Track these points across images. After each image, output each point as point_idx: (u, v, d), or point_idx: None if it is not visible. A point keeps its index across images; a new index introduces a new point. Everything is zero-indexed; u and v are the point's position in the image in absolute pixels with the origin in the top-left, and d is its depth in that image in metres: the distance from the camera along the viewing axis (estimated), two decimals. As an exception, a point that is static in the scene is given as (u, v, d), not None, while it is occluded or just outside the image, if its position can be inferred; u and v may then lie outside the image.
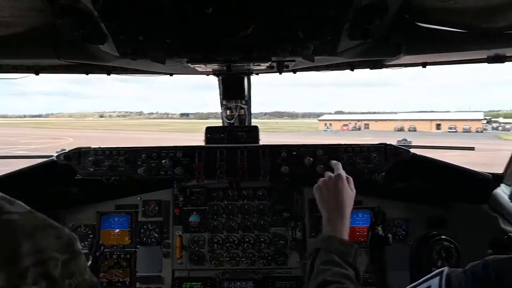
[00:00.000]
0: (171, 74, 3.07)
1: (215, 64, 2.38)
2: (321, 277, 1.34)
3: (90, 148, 2.76)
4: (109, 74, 2.78)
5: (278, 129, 51.65)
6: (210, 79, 3.20)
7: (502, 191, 2.58)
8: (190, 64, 2.25)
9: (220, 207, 2.98)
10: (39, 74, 2.55)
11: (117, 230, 3.02)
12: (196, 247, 2.95)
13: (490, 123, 67.39)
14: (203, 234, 2.96)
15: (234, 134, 2.90)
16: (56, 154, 2.73)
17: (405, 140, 3.06)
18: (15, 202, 0.84)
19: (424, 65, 2.50)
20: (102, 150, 2.71)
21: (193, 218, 2.96)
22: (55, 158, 2.72)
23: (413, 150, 2.77)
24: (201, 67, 2.52)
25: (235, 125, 3.23)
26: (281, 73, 2.63)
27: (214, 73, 3.02)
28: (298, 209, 2.96)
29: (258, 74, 3.12)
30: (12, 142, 31.28)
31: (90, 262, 2.28)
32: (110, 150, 2.70)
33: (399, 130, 63.20)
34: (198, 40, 1.88)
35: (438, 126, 65.01)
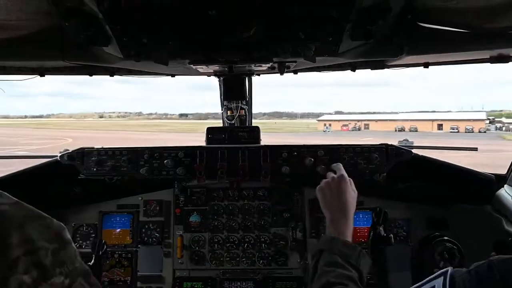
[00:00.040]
0: (173, 75, 3.08)
1: (217, 65, 2.39)
2: (324, 278, 1.35)
3: (93, 148, 2.76)
4: (112, 75, 2.80)
5: (277, 129, 51.33)
6: (209, 80, 3.21)
7: (506, 192, 2.55)
8: (192, 65, 2.26)
9: (220, 207, 2.98)
10: (44, 76, 2.56)
11: (118, 229, 3.03)
12: (196, 247, 2.95)
13: (493, 123, 66.04)
14: (204, 234, 2.97)
15: (235, 134, 2.90)
16: (59, 154, 2.74)
17: (406, 140, 3.05)
18: (3, 194, 0.85)
19: (426, 65, 2.49)
20: (105, 150, 2.72)
21: (193, 218, 2.96)
22: (59, 158, 2.72)
23: (414, 151, 2.74)
24: (203, 68, 2.53)
25: (236, 125, 3.24)
26: (282, 73, 2.64)
27: (215, 74, 3.03)
28: (298, 209, 2.96)
29: (259, 75, 3.12)
30: (12, 142, 31.27)
31: (93, 261, 2.28)
32: (113, 150, 2.71)
33: (400, 130, 62.08)
34: (201, 41, 1.88)
35: (440, 127, 63.75)
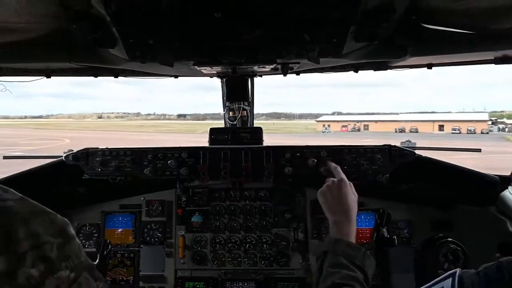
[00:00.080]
0: (176, 76, 3.07)
1: (221, 66, 2.39)
2: (330, 280, 1.35)
3: (98, 148, 2.77)
4: (116, 76, 2.80)
5: (274, 130, 51.14)
6: (208, 81, 3.23)
7: (510, 194, 2.54)
8: (196, 66, 2.27)
9: (222, 208, 2.98)
10: (50, 77, 2.57)
11: (121, 229, 3.03)
12: (198, 247, 2.96)
13: (495, 124, 65.64)
14: (206, 234, 2.97)
15: (238, 135, 2.90)
16: (64, 155, 2.74)
17: (409, 141, 3.04)
18: (8, 190, 0.86)
19: (429, 66, 2.48)
20: (110, 151, 2.72)
21: (195, 218, 2.96)
22: (64, 159, 2.73)
23: (417, 152, 2.73)
24: (206, 69, 2.53)
25: (238, 126, 3.25)
26: (285, 75, 2.64)
27: (219, 75, 3.03)
28: (300, 210, 2.96)
29: (261, 76, 3.12)
30: (11, 143, 31.19)
31: (98, 260, 2.28)
32: (117, 151, 2.72)
33: (401, 131, 61.58)
34: (206, 42, 1.89)
35: (441, 128, 63.24)
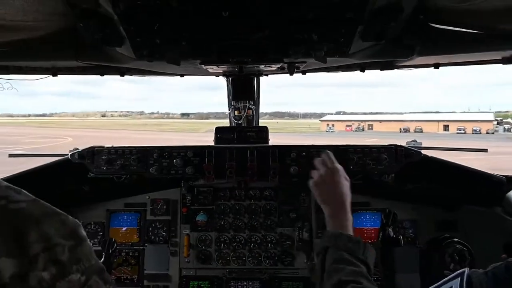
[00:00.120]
0: (182, 75, 3.08)
1: (228, 65, 2.39)
2: (335, 277, 1.34)
3: (104, 147, 2.78)
4: (122, 75, 2.80)
5: (279, 129, 51.10)
6: (212, 80, 3.23)
7: None
8: (203, 65, 2.27)
9: (227, 207, 2.98)
10: (57, 75, 2.58)
11: (125, 228, 3.04)
12: (203, 246, 2.96)
13: (501, 124, 64.71)
14: (210, 233, 2.97)
15: (244, 134, 2.90)
16: (70, 153, 2.75)
17: (415, 141, 3.02)
18: (21, 191, 0.86)
19: (436, 66, 2.46)
20: (115, 149, 2.73)
21: (200, 217, 2.96)
22: (69, 157, 2.74)
23: (423, 152, 2.72)
24: (213, 68, 2.54)
25: (243, 125, 3.25)
26: (292, 74, 2.63)
27: (225, 74, 3.03)
28: (305, 209, 2.95)
29: (267, 75, 3.12)
30: (14, 141, 31.30)
31: (103, 259, 2.29)
32: (123, 149, 2.72)
33: (405, 131, 60.87)
34: (213, 42, 1.89)
35: (446, 128, 62.44)
